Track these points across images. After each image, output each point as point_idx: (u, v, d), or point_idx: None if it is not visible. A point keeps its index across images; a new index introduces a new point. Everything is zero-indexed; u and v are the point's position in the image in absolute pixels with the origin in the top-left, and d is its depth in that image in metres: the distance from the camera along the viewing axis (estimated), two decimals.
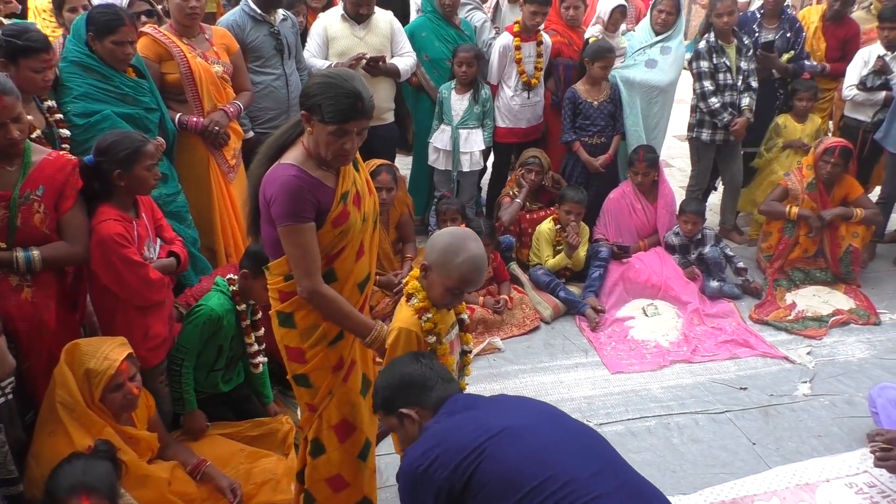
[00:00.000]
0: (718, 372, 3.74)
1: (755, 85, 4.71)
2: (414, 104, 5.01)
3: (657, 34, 4.68)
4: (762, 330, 4.10)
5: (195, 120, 3.45)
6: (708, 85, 4.64)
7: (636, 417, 3.37)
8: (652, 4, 4.75)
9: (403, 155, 5.46)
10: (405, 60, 4.45)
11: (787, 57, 4.87)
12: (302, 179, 2.05)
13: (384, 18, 4.42)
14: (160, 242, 2.75)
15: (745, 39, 4.72)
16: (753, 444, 3.19)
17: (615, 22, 4.75)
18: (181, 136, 3.44)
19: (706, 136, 4.78)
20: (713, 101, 4.63)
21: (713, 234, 4.58)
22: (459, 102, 4.63)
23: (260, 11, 3.92)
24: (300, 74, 4.16)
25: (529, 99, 4.72)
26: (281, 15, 4.05)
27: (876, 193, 5.02)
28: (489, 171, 5.12)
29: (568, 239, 4.32)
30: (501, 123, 4.77)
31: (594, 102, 4.59)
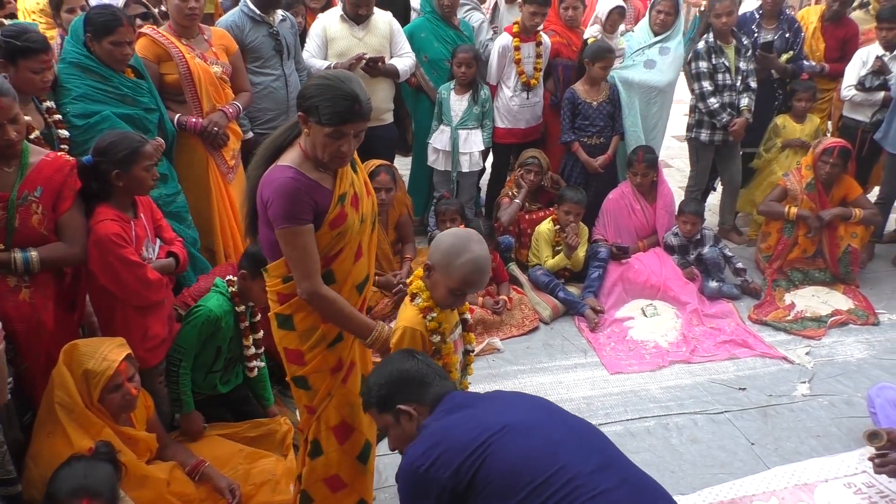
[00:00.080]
0: (717, 372, 3.74)
1: (754, 85, 4.71)
2: (413, 105, 5.01)
3: (656, 35, 4.68)
4: (761, 330, 4.10)
5: (194, 120, 3.45)
6: (707, 85, 4.64)
7: (635, 418, 3.37)
8: (651, 5, 4.75)
9: (402, 156, 5.46)
10: (404, 61, 4.45)
11: (785, 57, 4.87)
12: (299, 181, 2.04)
13: (383, 19, 4.42)
14: (160, 243, 2.75)
15: (743, 40, 4.72)
16: (752, 444, 3.19)
17: (613, 23, 4.75)
18: (180, 136, 3.44)
19: (705, 136, 4.78)
20: (712, 101, 4.63)
21: (712, 234, 4.58)
22: (459, 103, 4.63)
23: (259, 12, 3.92)
24: (299, 75, 4.16)
25: (528, 99, 4.72)
26: (280, 15, 4.05)
27: (875, 194, 5.02)
28: (488, 171, 5.13)
29: (567, 240, 4.32)
30: (500, 124, 4.77)
31: (593, 103, 4.59)
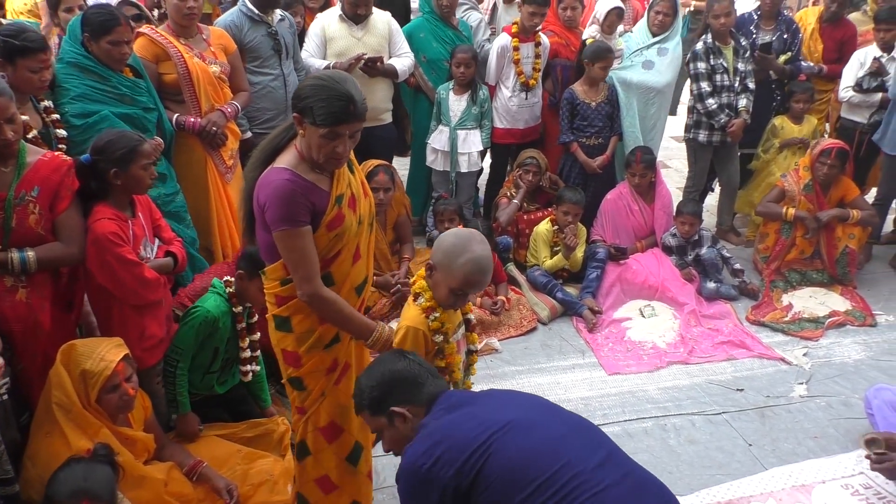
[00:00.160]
0: (715, 373, 3.74)
1: (752, 86, 4.71)
2: (412, 105, 5.01)
3: (654, 35, 4.68)
4: (759, 331, 4.10)
5: (193, 120, 3.45)
6: (705, 86, 4.65)
7: (633, 419, 3.37)
8: (649, 6, 4.75)
9: (399, 156, 5.45)
10: (403, 61, 4.45)
11: (783, 58, 4.87)
12: (295, 183, 2.03)
13: (382, 19, 4.42)
14: (158, 242, 2.74)
15: (742, 41, 4.72)
16: (750, 445, 3.19)
17: (611, 23, 4.74)
18: (179, 136, 3.44)
19: (703, 137, 4.78)
20: (710, 102, 4.64)
21: (710, 235, 4.58)
22: (457, 103, 4.63)
23: (257, 12, 3.92)
24: (298, 75, 4.16)
25: (527, 100, 4.72)
26: (278, 15, 4.05)
27: (872, 195, 5.02)
28: (486, 171, 5.12)
29: (566, 240, 4.31)
30: (499, 124, 4.77)
31: (592, 103, 4.59)
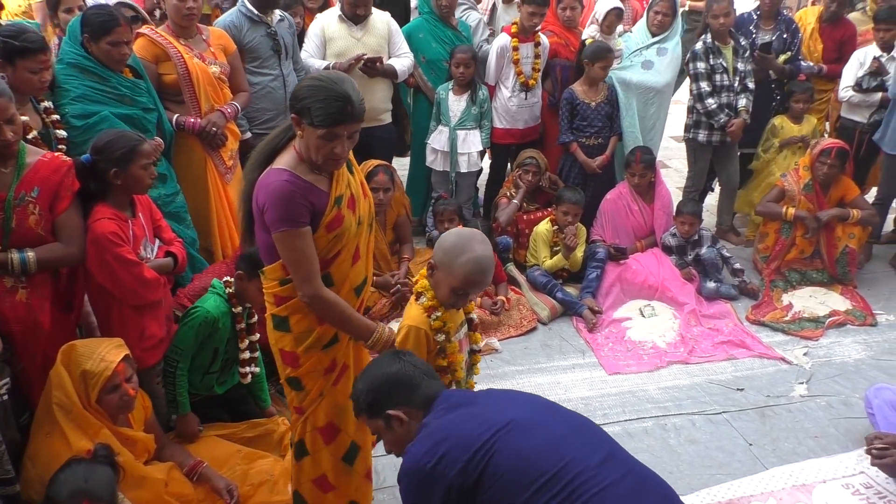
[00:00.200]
0: (715, 373, 3.74)
1: (752, 86, 4.71)
2: (412, 105, 5.01)
3: (654, 35, 4.68)
4: (759, 331, 4.10)
5: (192, 121, 3.45)
6: (705, 86, 4.65)
7: (633, 418, 3.37)
8: (648, 6, 4.75)
9: (398, 157, 5.44)
10: (402, 61, 4.45)
11: (783, 58, 4.87)
12: (294, 184, 2.02)
13: (381, 19, 4.42)
14: (158, 243, 2.74)
15: (741, 41, 4.72)
16: (750, 444, 3.19)
17: (610, 24, 4.74)
18: (178, 137, 3.44)
19: (703, 137, 4.78)
20: (710, 102, 4.64)
21: (710, 235, 4.58)
22: (457, 103, 4.63)
23: (256, 12, 3.92)
24: (298, 75, 4.16)
25: (527, 100, 4.72)
26: (278, 15, 4.05)
27: (872, 194, 5.02)
28: (486, 171, 5.12)
29: (566, 241, 4.31)
30: (499, 124, 4.77)
31: (591, 103, 4.59)
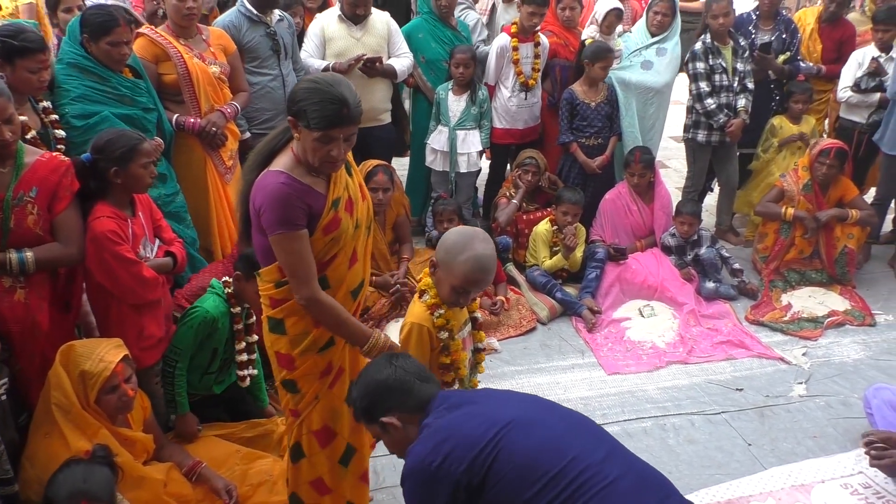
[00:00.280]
0: (714, 373, 3.74)
1: (751, 86, 4.72)
2: (411, 105, 5.00)
3: (653, 36, 4.68)
4: (758, 331, 4.10)
5: (192, 121, 3.45)
6: (704, 86, 4.65)
7: (632, 418, 3.37)
8: (648, 6, 4.75)
9: (397, 156, 5.43)
10: (402, 61, 4.45)
11: (782, 58, 4.87)
12: (291, 186, 2.01)
13: (381, 19, 4.42)
14: (158, 243, 2.74)
15: (740, 41, 4.73)
16: (749, 444, 3.19)
17: (610, 24, 4.75)
18: (178, 137, 3.44)
19: (702, 137, 4.78)
20: (709, 102, 4.64)
21: (709, 235, 4.58)
22: (456, 103, 4.63)
23: (256, 12, 3.92)
24: (297, 75, 4.16)
25: (526, 100, 4.72)
26: (277, 15, 4.05)
27: (871, 195, 5.02)
28: (484, 171, 5.12)
29: (565, 241, 4.31)
30: (498, 124, 4.77)
31: (591, 104, 4.59)
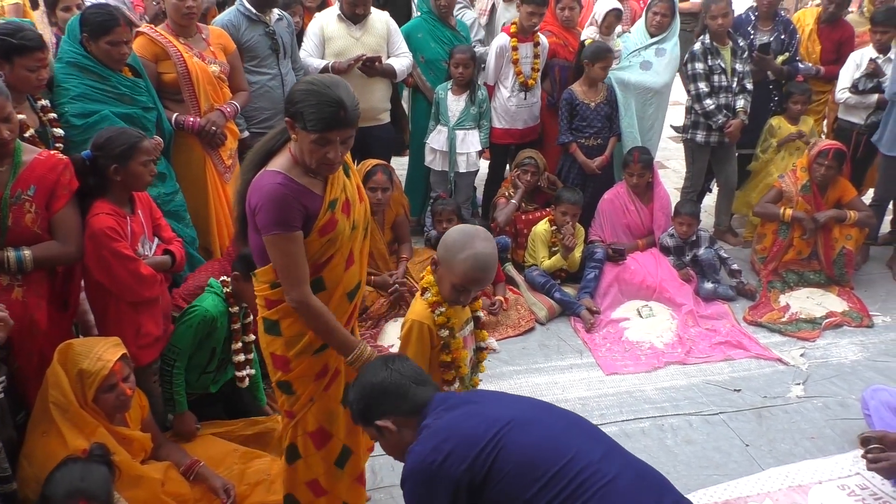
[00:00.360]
0: (712, 373, 3.75)
1: (750, 87, 4.72)
2: (410, 105, 5.00)
3: (652, 36, 4.68)
4: (756, 332, 4.11)
5: (192, 120, 3.45)
6: (703, 87, 4.65)
7: (630, 419, 3.38)
8: (647, 6, 4.76)
9: (396, 156, 5.43)
10: (401, 61, 4.45)
11: (781, 59, 4.88)
12: (288, 187, 2.01)
13: (380, 19, 4.42)
14: (157, 241, 2.74)
15: (739, 42, 4.73)
16: (747, 445, 3.20)
17: (609, 25, 4.75)
18: (178, 136, 3.44)
19: (701, 137, 4.79)
20: (708, 103, 4.64)
21: (708, 235, 4.59)
22: (456, 103, 4.63)
23: (255, 11, 3.91)
24: (296, 74, 4.16)
25: (526, 100, 4.72)
26: (276, 14, 4.05)
27: (869, 196, 5.03)
28: (482, 170, 5.11)
29: (564, 241, 4.31)
30: (498, 124, 4.77)
31: (591, 104, 4.59)
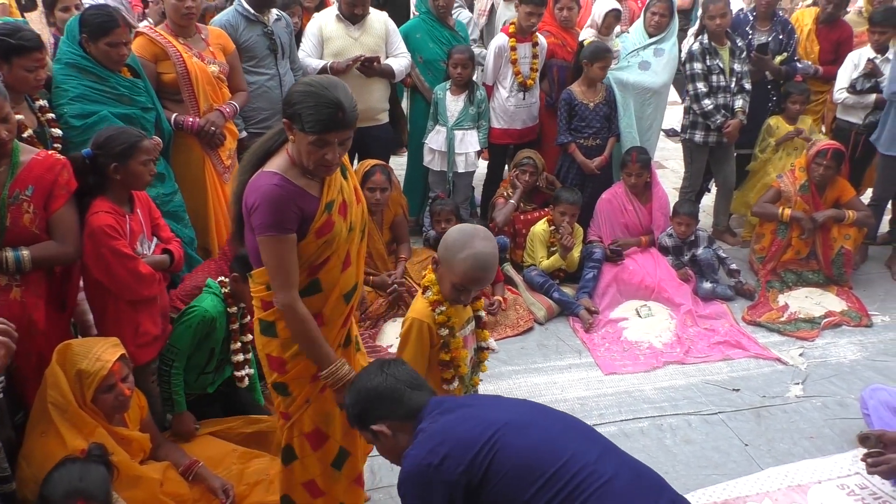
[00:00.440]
0: (711, 373, 3.75)
1: (748, 87, 4.73)
2: (409, 105, 5.00)
3: (651, 36, 4.68)
4: (755, 331, 4.11)
5: (191, 120, 3.45)
6: (701, 87, 4.66)
7: (629, 419, 3.38)
8: (645, 7, 4.76)
9: (394, 155, 5.44)
10: (400, 61, 4.45)
11: (779, 59, 4.88)
12: (284, 188, 2.00)
13: (379, 19, 4.42)
14: (156, 241, 2.74)
15: (738, 41, 4.73)
16: (746, 445, 3.20)
17: (609, 25, 4.76)
18: (177, 136, 3.44)
19: (699, 137, 4.79)
20: (706, 103, 4.65)
21: (706, 235, 4.59)
22: (454, 103, 4.64)
23: (253, 11, 3.91)
24: (294, 75, 4.16)
25: (525, 100, 4.72)
26: (275, 15, 4.05)
27: (868, 196, 5.04)
28: (480, 170, 5.11)
29: (562, 241, 4.32)
30: (497, 124, 4.78)
31: (590, 104, 4.59)
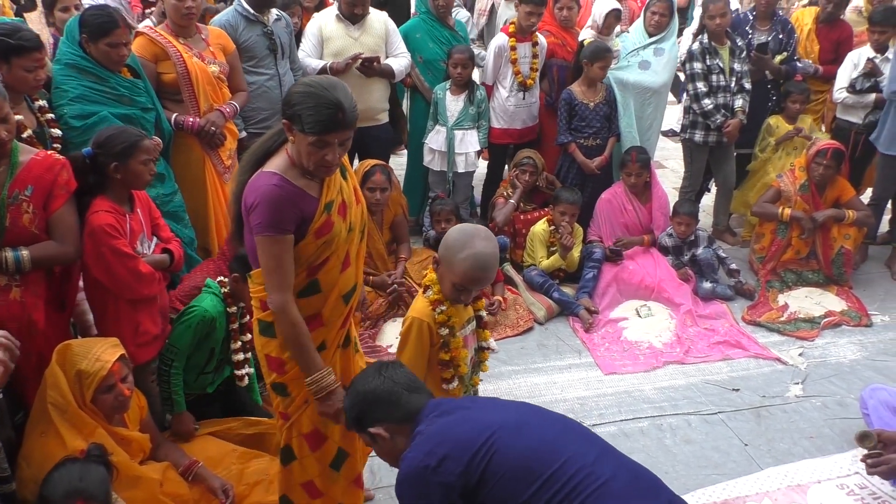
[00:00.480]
0: (711, 373, 3.75)
1: (748, 87, 4.72)
2: (409, 105, 5.00)
3: (650, 36, 4.68)
4: (755, 331, 4.11)
5: (192, 120, 3.45)
6: (701, 86, 4.66)
7: (629, 418, 3.38)
8: (645, 6, 4.76)
9: (394, 154, 5.45)
10: (400, 61, 4.45)
11: (779, 59, 4.88)
12: (283, 189, 2.00)
13: (379, 19, 4.42)
14: (156, 240, 2.74)
15: (738, 41, 4.73)
16: (745, 445, 3.20)
17: (609, 25, 4.76)
18: (177, 136, 3.44)
19: (699, 137, 4.79)
20: (706, 102, 4.64)
21: (706, 235, 4.59)
22: (454, 103, 4.63)
23: (253, 11, 3.91)
24: (294, 75, 4.16)
25: (525, 100, 4.72)
26: (274, 15, 4.05)
27: (868, 195, 5.04)
28: (480, 170, 5.11)
29: (562, 240, 4.32)
30: (496, 124, 4.77)
31: (590, 104, 4.59)
